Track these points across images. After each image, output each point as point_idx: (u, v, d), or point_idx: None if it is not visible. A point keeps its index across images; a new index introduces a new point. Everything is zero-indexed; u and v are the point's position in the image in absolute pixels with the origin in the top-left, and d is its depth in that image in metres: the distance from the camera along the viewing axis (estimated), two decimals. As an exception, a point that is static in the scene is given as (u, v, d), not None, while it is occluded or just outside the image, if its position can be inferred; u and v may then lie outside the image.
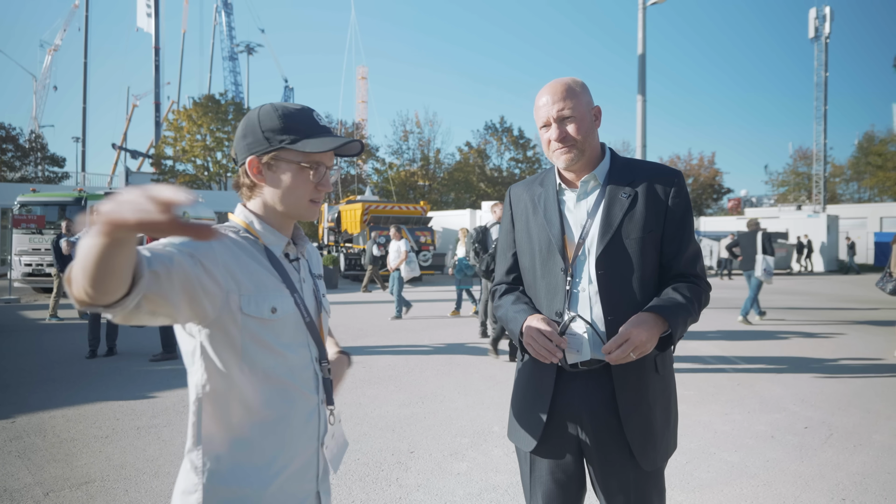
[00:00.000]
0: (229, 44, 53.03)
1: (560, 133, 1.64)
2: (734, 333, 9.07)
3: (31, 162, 39.05)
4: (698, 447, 4.12)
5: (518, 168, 41.48)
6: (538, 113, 1.69)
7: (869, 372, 6.49)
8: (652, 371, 1.64)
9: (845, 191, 46.16)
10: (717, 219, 34.96)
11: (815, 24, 39.49)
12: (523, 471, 1.78)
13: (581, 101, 1.65)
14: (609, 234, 1.62)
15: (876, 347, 7.92)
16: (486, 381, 5.96)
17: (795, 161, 46.07)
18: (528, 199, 1.80)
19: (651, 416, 1.62)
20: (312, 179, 1.27)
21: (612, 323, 1.60)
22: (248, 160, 1.26)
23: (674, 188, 1.67)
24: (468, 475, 3.63)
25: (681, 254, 1.66)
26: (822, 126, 39.02)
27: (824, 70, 39.41)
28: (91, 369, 6.46)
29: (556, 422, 1.67)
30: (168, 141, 36.85)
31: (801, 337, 8.82)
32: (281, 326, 1.23)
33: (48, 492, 3.36)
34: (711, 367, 6.67)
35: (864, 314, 11.54)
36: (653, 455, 1.62)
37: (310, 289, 1.36)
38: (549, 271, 1.70)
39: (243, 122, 1.29)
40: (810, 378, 6.18)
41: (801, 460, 3.91)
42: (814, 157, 40.11)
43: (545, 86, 1.69)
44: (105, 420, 4.65)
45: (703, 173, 46.39)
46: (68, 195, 15.33)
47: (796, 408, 5.09)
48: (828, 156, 40.03)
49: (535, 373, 1.72)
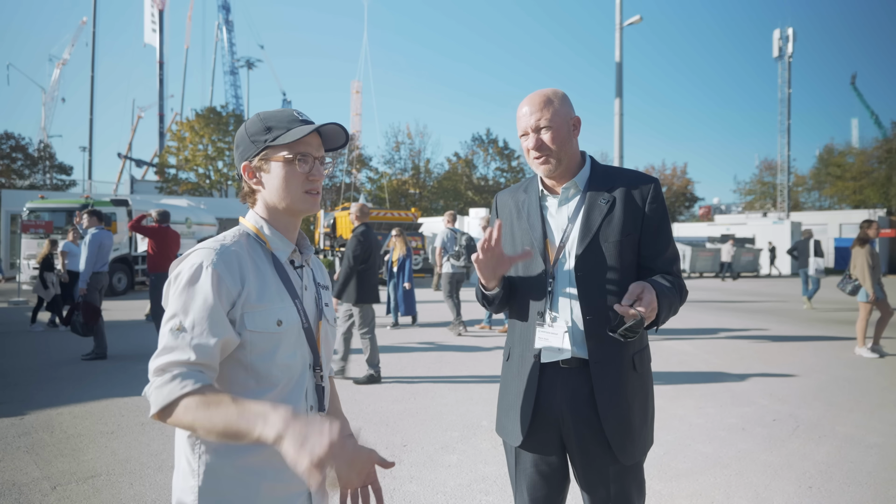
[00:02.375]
0: (230, 59, 52.72)
1: (536, 142, 1.64)
2: (707, 331, 9.12)
3: (39, 170, 38.57)
4: (675, 439, 4.13)
5: (503, 177, 41.59)
6: (518, 123, 1.69)
7: (833, 368, 6.55)
8: (630, 369, 1.63)
9: (807, 199, 46.63)
10: (690, 225, 35.28)
11: (780, 44, 40.09)
12: (510, 463, 1.77)
13: (559, 112, 1.64)
14: (588, 237, 1.62)
15: (838, 344, 8.00)
16: (475, 378, 5.94)
17: (761, 171, 46.55)
18: (512, 205, 1.80)
19: (629, 413, 1.61)
20: (301, 170, 1.24)
21: (591, 322, 1.59)
22: (242, 166, 1.26)
23: (651, 194, 1.66)
24: (458, 467, 3.61)
25: (659, 255, 1.65)
26: (786, 139, 39.57)
27: (787, 87, 39.99)
28: (96, 368, 6.37)
29: (540, 418, 1.66)
30: (171, 151, 36.54)
31: (768, 335, 8.89)
32: (284, 336, 1.20)
33: (56, 485, 3.29)
34: (686, 364, 6.70)
35: (826, 314, 11.67)
36: (631, 450, 1.61)
37: (311, 296, 1.32)
38: (530, 272, 1.70)
39: (235, 137, 1.30)
40: (778, 373, 6.22)
41: (770, 451, 3.93)
42: (778, 168, 40.67)
43: (526, 97, 1.69)
44: (110, 416, 4.58)
45: (676, 182, 46.74)
46: (75, 202, 15.18)
47: (765, 401, 5.13)
48: (791, 167, 40.58)
49: (521, 371, 1.71)
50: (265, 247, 1.26)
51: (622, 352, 1.61)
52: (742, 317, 10.87)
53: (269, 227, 1.27)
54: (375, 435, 4.18)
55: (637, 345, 1.66)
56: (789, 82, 39.85)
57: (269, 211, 1.28)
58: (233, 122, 36.48)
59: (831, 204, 43.19)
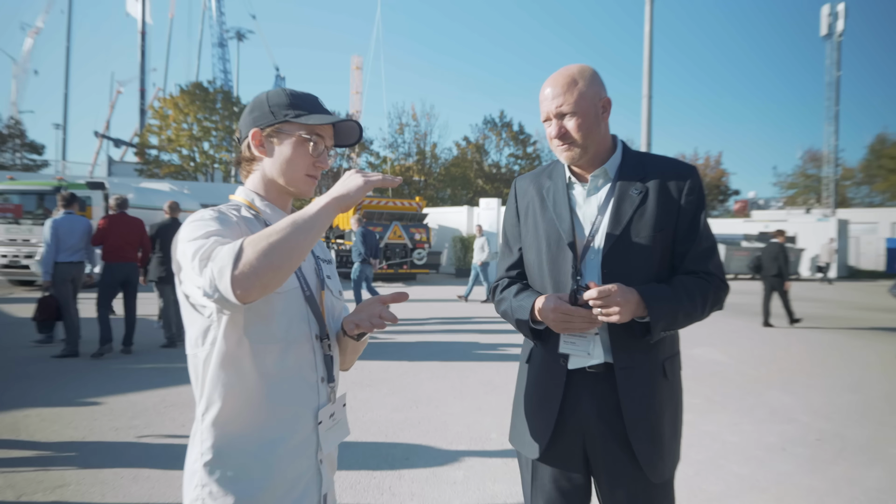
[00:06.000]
0: (219, 29, 52.85)
1: (559, 130, 1.62)
2: (743, 339, 9.06)
3: (8, 149, 38.80)
4: (706, 458, 4.09)
5: (518, 164, 41.46)
6: (541, 105, 1.67)
7: (883, 382, 6.48)
8: (660, 376, 1.62)
9: (856, 194, 46.32)
10: (724, 221, 35.02)
11: (828, 20, 39.62)
12: (525, 479, 1.76)
13: (585, 95, 1.61)
14: (617, 231, 1.60)
15: (889, 357, 7.93)
16: (483, 386, 5.92)
17: (805, 163, 46.21)
18: (534, 192, 1.78)
19: (659, 424, 1.60)
20: (312, 153, 1.36)
21: (617, 325, 1.57)
22: (252, 132, 1.37)
23: (688, 185, 1.64)
24: (465, 484, 3.59)
25: (695, 252, 1.64)
26: (834, 127, 39.17)
27: (836, 69, 39.56)
28: (68, 367, 6.39)
29: (562, 428, 1.64)
30: (153, 129, 36.69)
31: (811, 345, 8.82)
32: (285, 301, 1.30)
33: (20, 495, 3.29)
34: (719, 375, 6.65)
35: (876, 321, 11.57)
36: (661, 466, 1.59)
37: (310, 266, 1.43)
38: (558, 268, 1.67)
39: (252, 101, 1.42)
40: (822, 388, 6.17)
41: (813, 474, 3.88)
42: (824, 159, 40.25)
43: (550, 76, 1.66)
44: (82, 420, 4.59)
45: (709, 174, 46.51)
46: (47, 184, 15.21)
47: (807, 419, 5.08)
48: (839, 158, 40.18)
49: (543, 376, 1.69)
50: (258, 216, 1.37)
51: (652, 357, 1.61)
52: (782, 323, 10.79)
53: (261, 200, 1.40)
54: (373, 447, 4.16)
55: (668, 350, 1.66)
56: (838, 64, 39.43)
57: (265, 183, 1.40)
58: (220, 98, 36.55)
59: (883, 200, 42.81)
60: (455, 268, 21.52)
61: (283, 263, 1.09)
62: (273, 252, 1.08)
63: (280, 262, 1.09)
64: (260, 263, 1.06)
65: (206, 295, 1.10)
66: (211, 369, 1.26)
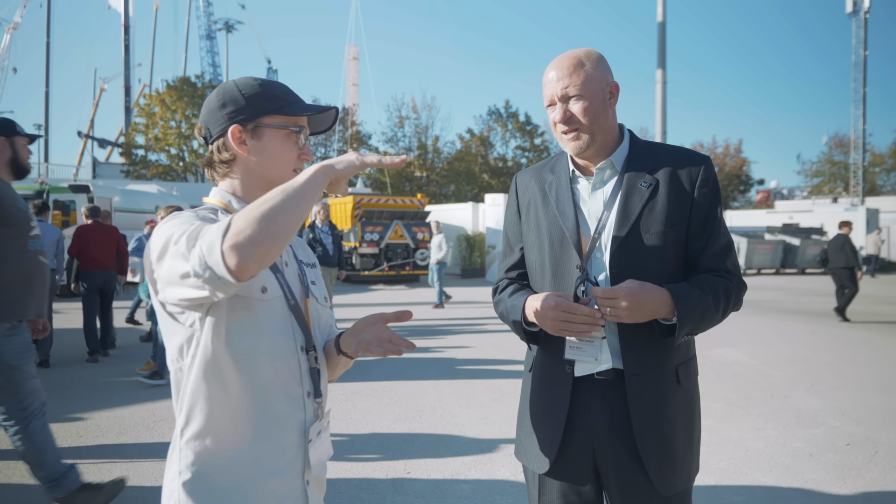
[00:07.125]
0: (207, 21, 53.07)
1: (564, 114, 1.60)
2: (766, 339, 9.03)
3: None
4: (728, 466, 4.07)
5: (525, 157, 41.46)
6: (545, 90, 1.65)
7: (916, 382, 6.44)
8: (673, 382, 1.61)
9: (886, 181, 46.13)
10: (745, 212, 34.91)
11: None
12: (532, 494, 1.75)
13: (592, 78, 1.59)
14: (626, 227, 1.59)
15: (923, 354, 7.88)
16: (490, 393, 5.92)
17: (831, 149, 46.12)
18: (536, 187, 1.77)
19: (671, 434, 1.59)
20: (299, 146, 1.36)
21: (627, 328, 1.57)
22: (232, 129, 1.31)
23: (701, 176, 1.63)
24: (471, 498, 3.59)
25: (709, 249, 1.62)
26: (862, 110, 39.00)
27: (864, 48, 39.37)
28: (50, 379, 6.40)
29: (570, 440, 1.63)
30: (139, 128, 36.85)
31: (839, 342, 8.78)
32: (268, 309, 1.28)
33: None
34: (742, 377, 6.63)
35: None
36: (672, 478, 1.59)
37: (294, 272, 1.40)
38: (562, 268, 1.66)
39: (217, 94, 1.35)
40: (851, 388, 6.14)
41: (843, 481, 3.86)
42: (852, 145, 40.11)
43: (554, 59, 1.65)
44: (65, 437, 4.59)
45: (729, 162, 46.39)
46: (29, 187, 15.30)
47: (836, 422, 5.05)
48: (867, 143, 40.03)
49: (548, 385, 1.68)
50: None
51: (664, 362, 1.60)
52: (808, 321, 10.75)
53: (239, 202, 1.35)
54: (374, 460, 4.16)
55: (682, 354, 1.65)
56: (865, 43, 39.24)
57: (244, 184, 1.36)
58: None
59: (915, 187, 42.61)
60: (460, 268, 21.49)
61: (279, 230, 1.06)
62: (266, 219, 1.04)
63: (276, 229, 1.05)
64: (253, 231, 1.03)
65: (197, 275, 1.06)
66: (191, 382, 1.25)
